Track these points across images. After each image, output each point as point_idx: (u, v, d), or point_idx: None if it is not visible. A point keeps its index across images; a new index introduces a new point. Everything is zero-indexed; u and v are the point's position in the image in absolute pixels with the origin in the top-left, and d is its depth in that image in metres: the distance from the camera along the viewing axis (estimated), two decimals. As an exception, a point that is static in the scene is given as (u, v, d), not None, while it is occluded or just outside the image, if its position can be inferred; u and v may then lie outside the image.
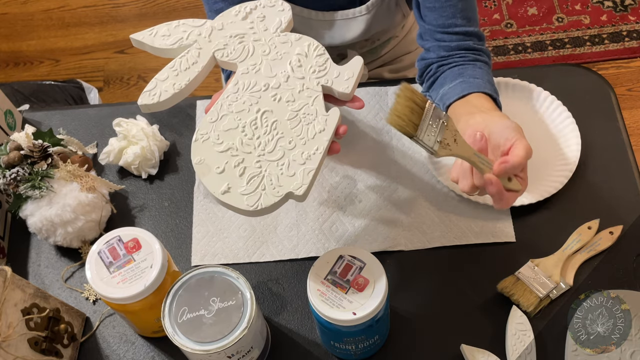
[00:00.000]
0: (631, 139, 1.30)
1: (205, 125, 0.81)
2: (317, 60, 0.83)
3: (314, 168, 0.79)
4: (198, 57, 0.84)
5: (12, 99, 1.67)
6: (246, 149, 0.80)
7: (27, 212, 1.00)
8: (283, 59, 0.84)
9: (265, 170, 0.79)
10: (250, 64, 0.84)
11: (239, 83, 0.83)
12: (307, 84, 0.82)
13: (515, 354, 0.92)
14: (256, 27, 0.86)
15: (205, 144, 0.80)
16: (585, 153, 1.08)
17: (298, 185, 0.78)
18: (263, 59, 0.84)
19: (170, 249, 1.04)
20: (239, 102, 0.82)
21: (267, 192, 0.78)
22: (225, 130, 0.80)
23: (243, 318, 0.82)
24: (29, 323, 0.87)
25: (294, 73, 0.83)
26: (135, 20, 2.37)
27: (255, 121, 0.81)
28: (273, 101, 0.82)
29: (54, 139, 1.06)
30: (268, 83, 0.83)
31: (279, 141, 0.80)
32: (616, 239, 1.00)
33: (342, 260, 0.85)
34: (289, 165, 0.79)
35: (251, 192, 0.78)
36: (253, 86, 0.83)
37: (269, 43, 0.85)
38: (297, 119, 0.81)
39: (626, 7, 2.29)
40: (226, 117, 0.81)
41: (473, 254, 1.01)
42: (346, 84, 0.82)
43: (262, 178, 0.78)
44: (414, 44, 1.31)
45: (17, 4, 2.43)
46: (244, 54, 0.84)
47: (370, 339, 0.89)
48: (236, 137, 0.80)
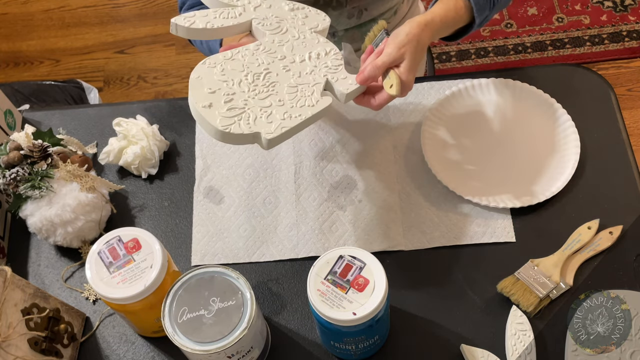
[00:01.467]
0: (631, 139, 1.30)
1: (217, 57, 0.90)
2: (333, 61, 0.93)
3: (290, 127, 0.86)
4: (238, 16, 0.94)
5: (12, 99, 1.67)
6: (241, 88, 0.88)
7: (27, 212, 1.00)
8: (306, 48, 0.94)
9: (249, 108, 0.86)
10: (278, 38, 0.94)
11: (262, 45, 0.92)
12: (316, 71, 0.92)
13: (515, 354, 0.92)
14: (296, 20, 0.96)
15: (210, 69, 0.88)
16: (585, 153, 1.08)
17: (269, 132, 0.85)
18: (290, 39, 0.94)
19: (170, 249, 1.04)
20: (253, 56, 0.91)
21: (240, 123, 0.85)
22: (231, 69, 0.89)
23: (243, 318, 0.82)
24: (29, 323, 0.87)
25: (309, 61, 0.92)
26: (135, 20, 2.37)
27: (260, 75, 0.90)
28: (282, 69, 0.91)
29: (53, 139, 1.06)
30: (285, 56, 0.92)
31: (271, 96, 0.88)
32: (616, 239, 1.00)
33: (342, 260, 0.85)
34: (270, 114, 0.86)
35: (227, 117, 0.85)
36: (272, 52, 0.92)
37: (301, 33, 0.95)
38: (294, 89, 0.89)
39: (626, 7, 2.29)
40: (237, 61, 0.90)
41: (473, 254, 1.01)
42: (347, 87, 0.91)
43: (242, 112, 0.86)
44: None
45: (17, 4, 2.43)
46: (277, 30, 0.94)
47: (370, 339, 0.89)
48: (237, 77, 0.88)
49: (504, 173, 1.07)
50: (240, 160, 1.11)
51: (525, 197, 1.03)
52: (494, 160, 1.09)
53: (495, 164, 1.08)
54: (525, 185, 1.05)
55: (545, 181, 1.05)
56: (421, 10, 1.36)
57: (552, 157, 1.07)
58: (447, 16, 0.97)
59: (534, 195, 1.03)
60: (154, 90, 2.22)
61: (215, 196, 1.08)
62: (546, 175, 1.06)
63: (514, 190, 1.05)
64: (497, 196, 1.04)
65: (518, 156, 1.09)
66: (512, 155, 1.09)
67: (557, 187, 1.03)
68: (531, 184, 1.05)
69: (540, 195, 1.03)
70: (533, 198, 1.03)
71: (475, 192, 1.03)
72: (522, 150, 1.09)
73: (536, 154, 1.09)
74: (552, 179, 1.05)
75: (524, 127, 1.11)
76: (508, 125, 1.11)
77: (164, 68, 2.26)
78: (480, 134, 1.11)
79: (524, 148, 1.09)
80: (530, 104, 1.12)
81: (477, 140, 1.11)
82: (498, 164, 1.08)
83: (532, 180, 1.06)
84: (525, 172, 1.07)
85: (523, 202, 1.02)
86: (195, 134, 1.14)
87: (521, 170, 1.07)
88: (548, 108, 1.10)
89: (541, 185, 1.05)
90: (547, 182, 1.05)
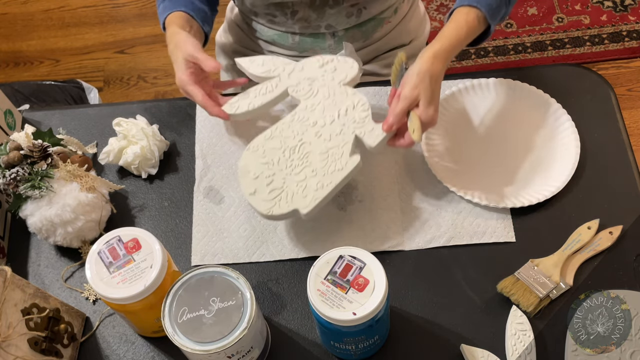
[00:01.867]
0: (631, 139, 1.30)
1: (258, 139, 1.01)
2: (360, 114, 1.01)
3: (322, 197, 0.96)
4: (275, 87, 1.04)
5: (12, 99, 1.67)
6: (280, 166, 0.99)
7: (27, 212, 1.00)
8: (336, 106, 1.02)
9: (287, 186, 0.97)
10: (310, 103, 1.03)
11: (297, 115, 1.02)
12: (345, 129, 1.00)
13: (515, 354, 0.92)
14: (326, 76, 1.04)
15: (254, 154, 1.00)
16: (585, 153, 1.08)
17: (305, 206, 0.96)
18: (322, 101, 1.02)
19: (170, 249, 1.04)
20: (289, 129, 1.01)
21: (280, 204, 0.96)
22: (270, 148, 1.00)
23: (243, 318, 0.82)
24: (29, 323, 0.87)
25: (338, 119, 1.01)
26: (135, 20, 2.37)
27: (295, 148, 1.00)
28: (314, 136, 1.00)
29: (53, 139, 1.06)
30: (317, 121, 1.01)
31: (305, 168, 0.98)
32: (616, 239, 1.00)
33: (342, 260, 0.85)
34: (305, 187, 0.97)
35: (269, 200, 0.97)
36: (305, 120, 1.01)
37: (330, 90, 1.03)
38: (326, 154, 0.99)
39: (626, 7, 2.29)
40: (276, 139, 1.00)
41: (473, 254, 1.01)
42: (374, 140, 0.98)
43: (281, 192, 0.97)
44: (409, 36, 1.31)
45: (17, 4, 2.43)
46: (309, 94, 1.03)
47: (370, 339, 0.89)
48: (276, 155, 0.99)
49: (504, 173, 1.07)
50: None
51: (525, 197, 1.03)
52: (494, 160, 1.09)
53: (495, 163, 1.08)
54: (525, 185, 1.05)
55: (545, 181, 1.05)
56: (422, 10, 1.36)
57: (552, 157, 1.07)
58: (459, 35, 1.00)
59: (534, 195, 1.03)
60: (154, 90, 2.22)
61: (215, 196, 1.08)
62: (546, 175, 1.06)
63: (513, 190, 1.05)
64: (497, 196, 1.04)
65: (518, 156, 1.09)
66: (512, 155, 1.09)
67: (557, 187, 1.03)
68: (531, 184, 1.05)
69: (540, 195, 1.03)
70: (533, 198, 1.03)
71: (475, 192, 1.03)
72: (522, 150, 1.09)
73: (536, 154, 1.09)
74: (552, 179, 1.05)
75: (524, 127, 1.11)
76: (508, 125, 1.11)
77: (164, 68, 2.26)
78: (480, 134, 1.11)
79: (524, 148, 1.09)
80: (530, 104, 1.12)
81: (477, 140, 1.11)
82: (498, 164, 1.08)
83: (532, 180, 1.06)
84: (525, 172, 1.07)
85: (523, 202, 1.02)
86: (195, 134, 1.14)
87: (521, 170, 1.07)
88: (548, 108, 1.10)
89: (541, 185, 1.05)
90: (547, 182, 1.05)
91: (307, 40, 1.22)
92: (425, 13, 1.38)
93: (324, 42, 1.22)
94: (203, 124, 1.15)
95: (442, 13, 2.29)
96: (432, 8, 2.30)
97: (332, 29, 1.20)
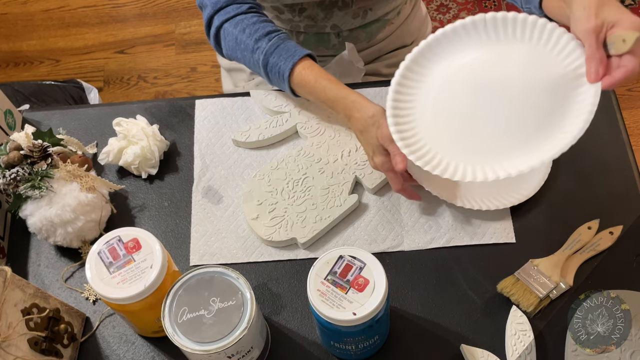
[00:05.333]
0: (631, 139, 1.30)
1: (265, 168, 1.07)
2: (362, 157, 1.07)
3: (320, 229, 1.01)
4: (285, 122, 1.11)
5: (12, 99, 1.67)
6: (283, 196, 1.04)
7: (27, 212, 1.00)
8: (340, 147, 1.09)
9: (288, 216, 1.03)
10: (317, 140, 1.09)
11: (302, 150, 1.09)
12: (347, 169, 1.06)
13: (515, 354, 0.92)
14: (333, 115, 1.11)
15: (259, 181, 1.06)
16: (585, 153, 1.07)
17: (303, 236, 1.01)
18: (327, 139, 1.09)
19: (170, 249, 1.04)
20: (295, 162, 1.07)
21: (280, 231, 1.02)
22: (276, 178, 1.06)
23: (243, 318, 0.82)
24: (29, 323, 0.87)
25: (341, 159, 1.07)
26: (135, 20, 2.37)
27: (299, 181, 1.06)
28: (317, 172, 1.06)
29: (53, 139, 1.06)
30: (321, 158, 1.08)
31: (307, 201, 1.04)
32: (616, 239, 1.00)
33: (342, 260, 0.85)
34: (304, 219, 1.02)
35: (270, 226, 1.02)
36: (310, 156, 1.08)
37: (336, 131, 1.10)
38: (326, 190, 1.05)
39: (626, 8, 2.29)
40: (282, 170, 1.07)
41: (473, 254, 1.01)
42: (372, 182, 1.05)
43: (282, 220, 1.02)
44: (411, 37, 1.31)
45: (17, 4, 2.43)
46: (316, 132, 1.10)
47: (370, 339, 0.89)
48: (280, 185, 1.05)
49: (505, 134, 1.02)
50: (239, 160, 1.11)
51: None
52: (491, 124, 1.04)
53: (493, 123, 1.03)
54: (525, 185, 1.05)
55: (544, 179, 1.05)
56: (423, 11, 1.36)
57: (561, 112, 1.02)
58: None
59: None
60: (154, 90, 2.22)
61: (213, 196, 1.08)
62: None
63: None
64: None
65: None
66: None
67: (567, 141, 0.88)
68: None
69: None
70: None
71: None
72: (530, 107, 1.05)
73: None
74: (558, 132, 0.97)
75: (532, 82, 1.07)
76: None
77: (164, 68, 2.26)
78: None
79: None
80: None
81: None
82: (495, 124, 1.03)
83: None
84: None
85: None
86: (194, 134, 1.14)
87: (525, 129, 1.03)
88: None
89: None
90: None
91: (311, 39, 1.22)
92: (427, 14, 1.38)
93: (328, 42, 1.22)
94: (202, 124, 1.15)
95: (442, 13, 2.29)
96: (432, 8, 2.30)
97: (337, 29, 1.20)
